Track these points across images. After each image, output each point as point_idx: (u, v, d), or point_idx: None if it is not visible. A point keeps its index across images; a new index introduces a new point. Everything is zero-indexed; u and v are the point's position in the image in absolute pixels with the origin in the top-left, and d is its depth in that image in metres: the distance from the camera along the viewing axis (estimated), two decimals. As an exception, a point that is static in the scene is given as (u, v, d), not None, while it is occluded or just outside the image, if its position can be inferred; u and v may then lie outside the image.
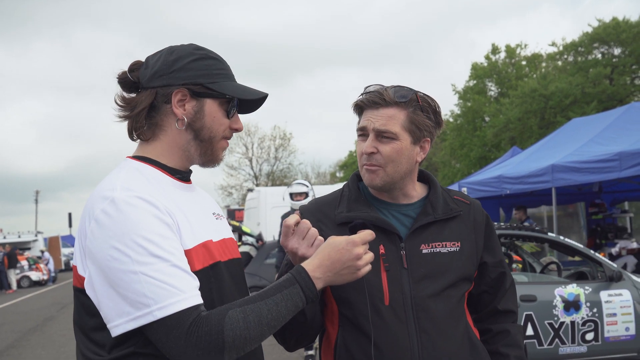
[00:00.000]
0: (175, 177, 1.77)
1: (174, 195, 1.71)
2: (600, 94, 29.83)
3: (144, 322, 1.51)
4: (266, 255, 11.21)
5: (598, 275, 6.79)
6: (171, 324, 1.50)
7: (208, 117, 1.74)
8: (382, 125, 1.97)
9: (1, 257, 28.15)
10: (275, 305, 1.58)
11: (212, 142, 1.77)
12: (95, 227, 1.56)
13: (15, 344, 11.62)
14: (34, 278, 31.85)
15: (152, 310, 1.50)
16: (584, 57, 33.55)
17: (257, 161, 48.56)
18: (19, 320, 15.49)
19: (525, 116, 30.65)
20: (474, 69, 38.77)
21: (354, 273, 1.69)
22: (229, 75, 1.80)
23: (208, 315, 1.53)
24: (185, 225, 1.65)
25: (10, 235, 39.15)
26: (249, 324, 1.54)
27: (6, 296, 25.24)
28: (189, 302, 1.53)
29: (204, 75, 1.73)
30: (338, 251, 1.67)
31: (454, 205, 2.09)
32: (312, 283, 1.64)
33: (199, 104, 1.73)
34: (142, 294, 1.50)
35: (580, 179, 10.47)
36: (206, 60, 1.76)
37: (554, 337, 6.27)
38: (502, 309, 2.16)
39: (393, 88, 1.99)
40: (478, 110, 36.96)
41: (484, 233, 2.13)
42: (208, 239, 1.72)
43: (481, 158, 34.49)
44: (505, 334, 2.13)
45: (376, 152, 1.99)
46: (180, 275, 1.55)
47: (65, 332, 12.72)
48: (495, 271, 2.14)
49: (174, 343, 1.50)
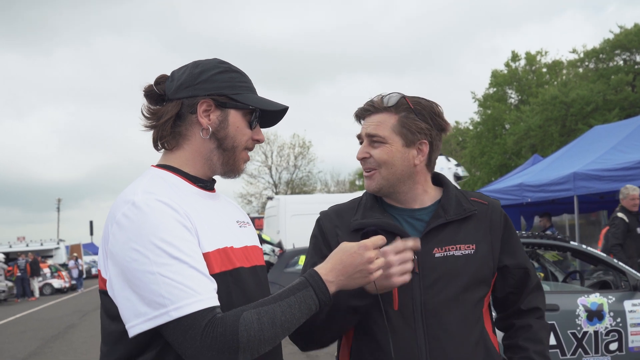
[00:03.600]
0: (198, 185, 1.81)
1: (195, 202, 1.74)
2: (622, 101, 29.53)
3: (160, 322, 1.54)
4: (286, 264, 11.20)
5: (621, 285, 6.70)
6: (187, 325, 1.53)
7: (232, 126, 1.80)
8: (372, 129, 2.04)
9: (24, 265, 28.48)
10: (288, 308, 1.61)
11: (234, 151, 1.82)
12: (116, 230, 1.61)
13: (38, 351, 11.73)
14: (56, 285, 32.24)
15: (168, 310, 1.53)
16: (605, 64, 33.26)
17: (277, 169, 48.69)
18: (41, 328, 15.65)
19: (546, 124, 30.41)
20: (494, 77, 38.58)
21: (366, 277, 1.72)
22: (251, 88, 1.87)
23: (223, 317, 1.56)
24: (204, 230, 1.69)
25: (33, 243, 39.65)
26: (263, 325, 1.56)
27: (29, 303, 25.52)
28: (204, 304, 1.56)
29: (228, 87, 1.80)
30: (350, 255, 1.70)
31: (468, 206, 2.08)
32: (325, 286, 1.66)
33: (224, 114, 1.79)
34: (159, 294, 1.53)
35: (603, 187, 10.38)
36: (230, 73, 1.83)
37: (577, 347, 6.19)
38: (525, 308, 2.15)
39: (385, 95, 2.06)
40: (498, 118, 36.75)
41: (502, 234, 2.10)
42: (228, 245, 1.75)
43: (502, 166, 34.26)
44: (527, 328, 2.12)
45: (368, 156, 2.05)
46: (197, 277, 1.58)
47: (87, 339, 12.82)
48: (517, 273, 2.11)
49: (189, 343, 1.53)
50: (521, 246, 2.17)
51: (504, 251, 2.09)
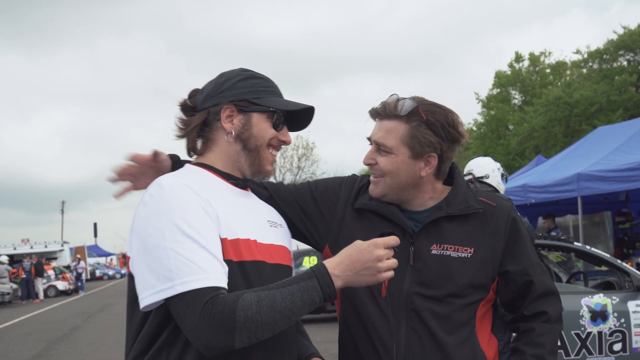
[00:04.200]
0: (230, 182, 1.93)
1: (223, 194, 1.85)
2: (626, 102, 29.49)
3: (167, 295, 1.62)
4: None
5: (625, 285, 6.70)
6: (189, 300, 1.60)
7: (255, 127, 1.91)
8: (380, 137, 2.00)
9: (29, 267, 28.55)
10: (290, 295, 1.64)
11: (258, 150, 1.92)
12: (141, 208, 1.74)
13: (43, 352, 11.77)
14: (61, 287, 32.27)
15: (175, 284, 1.61)
16: (609, 64, 33.20)
17: (280, 171, 48.59)
18: (46, 330, 15.69)
19: (550, 124, 30.38)
20: (497, 77, 38.55)
21: (375, 275, 1.72)
22: (275, 92, 1.97)
23: (224, 297, 1.61)
24: (226, 218, 1.77)
25: (37, 245, 39.71)
26: (261, 309, 1.60)
27: (33, 305, 25.58)
28: (210, 282, 1.62)
29: (250, 92, 1.92)
30: (359, 251, 1.71)
31: (474, 204, 2.03)
32: (330, 279, 1.68)
33: (246, 118, 1.91)
34: (169, 268, 1.62)
35: (607, 187, 10.37)
36: (252, 79, 1.95)
37: (580, 347, 6.19)
38: (529, 314, 2.08)
39: (399, 100, 1.98)
40: (502, 119, 36.71)
41: (506, 239, 2.03)
42: (252, 237, 1.82)
43: (505, 167, 34.00)
44: (529, 332, 2.07)
45: (375, 163, 2.03)
46: (208, 257, 1.65)
47: (91, 341, 12.86)
48: (519, 280, 2.04)
49: (189, 318, 1.59)
50: (529, 252, 2.08)
51: (507, 256, 2.03)
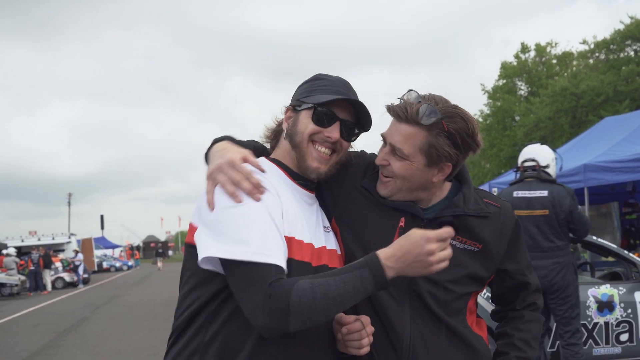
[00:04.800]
0: (298, 183, 2.00)
1: (290, 194, 1.93)
2: (633, 92, 29.33)
3: (238, 257, 1.67)
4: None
5: (632, 276, 6.69)
6: (256, 276, 1.65)
7: (299, 124, 1.98)
8: (397, 142, 1.95)
9: (36, 259, 28.67)
10: (342, 283, 1.67)
11: (300, 146, 1.97)
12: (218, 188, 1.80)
13: (52, 344, 11.83)
14: (68, 279, 32.36)
15: (248, 250, 1.67)
16: (616, 54, 33.01)
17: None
18: (54, 321, 15.77)
19: (556, 115, 30.26)
20: (503, 68, 38.38)
21: (426, 268, 1.75)
22: (331, 90, 2.00)
23: (281, 282, 1.66)
24: (289, 216, 1.84)
25: (45, 237, 39.92)
26: (315, 295, 1.64)
27: (41, 297, 25.70)
28: (277, 260, 1.69)
29: (304, 92, 2.02)
30: (411, 244, 1.73)
31: (484, 207, 2.08)
32: (382, 269, 1.71)
33: (297, 116, 2.01)
34: (245, 236, 1.69)
35: (613, 178, 10.34)
36: (314, 81, 2.05)
37: (587, 338, 6.20)
38: (520, 307, 2.19)
39: (422, 105, 1.90)
40: (508, 110, 36.58)
41: (509, 239, 2.10)
42: (306, 241, 1.88)
43: (511, 158, 34.11)
44: (518, 318, 2.17)
45: (388, 164, 2.00)
46: (277, 236, 1.74)
47: (99, 332, 12.92)
48: (516, 279, 2.14)
49: (252, 296, 1.65)
50: (525, 252, 2.18)
51: (508, 255, 2.10)
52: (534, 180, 5.93)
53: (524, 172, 6.07)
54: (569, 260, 5.73)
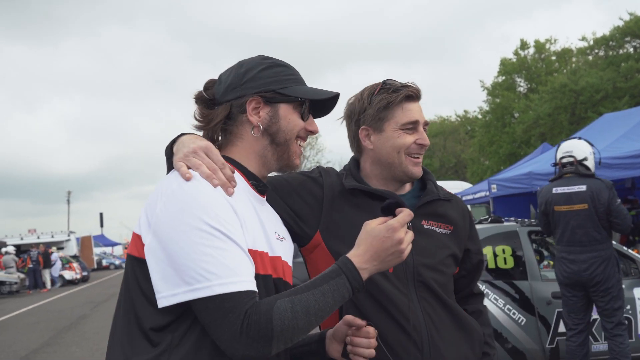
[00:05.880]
0: (251, 183, 1.83)
1: (244, 199, 1.74)
2: (632, 89, 29.33)
3: (202, 295, 1.50)
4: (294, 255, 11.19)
5: (631, 272, 6.70)
6: (228, 306, 1.50)
7: (283, 120, 1.83)
8: (426, 118, 2.18)
9: (36, 257, 28.67)
10: (322, 296, 1.59)
11: (287, 144, 1.85)
12: (169, 199, 1.59)
13: (51, 341, 11.84)
14: (68, 277, 32.37)
15: (212, 284, 1.50)
16: (615, 51, 33.03)
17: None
18: (53, 319, 15.78)
19: (556, 112, 30.27)
20: (502, 65, 38.39)
21: (399, 257, 1.71)
22: (299, 79, 1.89)
23: (257, 307, 1.53)
24: (247, 223, 1.67)
25: (44, 235, 39.89)
26: (296, 314, 1.54)
27: (41, 295, 25.72)
28: (248, 285, 1.54)
29: (275, 82, 1.83)
30: (380, 240, 1.69)
31: (446, 192, 2.27)
32: (358, 274, 1.65)
33: (273, 110, 1.83)
34: (205, 268, 1.50)
35: (613, 175, 10.31)
36: (275, 68, 1.85)
37: (586, 334, 6.19)
38: (476, 292, 2.35)
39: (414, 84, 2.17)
40: (507, 107, 36.58)
41: (469, 222, 2.30)
42: (263, 250, 1.73)
43: (511, 155, 34.15)
44: (478, 313, 2.30)
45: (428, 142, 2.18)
46: (242, 257, 1.57)
47: (99, 330, 12.93)
48: (475, 258, 2.30)
49: (227, 327, 1.50)
50: (478, 236, 2.37)
51: (469, 236, 2.29)
52: (572, 176, 6.06)
53: (563, 168, 6.14)
54: (610, 254, 5.83)
